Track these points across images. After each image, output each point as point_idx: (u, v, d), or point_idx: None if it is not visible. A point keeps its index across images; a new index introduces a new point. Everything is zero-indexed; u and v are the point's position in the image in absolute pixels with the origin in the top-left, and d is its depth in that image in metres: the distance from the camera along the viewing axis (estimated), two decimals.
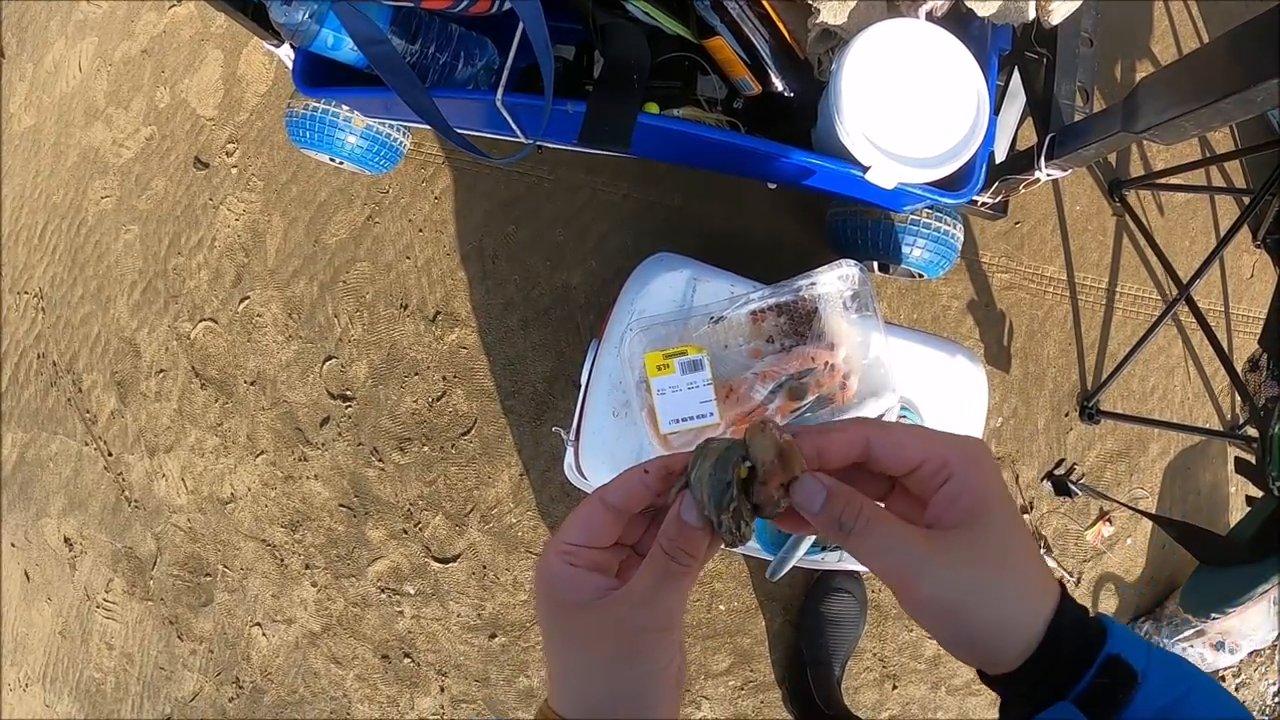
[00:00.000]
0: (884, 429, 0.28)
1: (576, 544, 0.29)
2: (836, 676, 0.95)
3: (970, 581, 0.25)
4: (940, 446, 0.27)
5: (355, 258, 1.08)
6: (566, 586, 0.28)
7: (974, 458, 0.26)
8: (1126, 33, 1.11)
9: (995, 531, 0.26)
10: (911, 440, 0.27)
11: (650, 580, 0.28)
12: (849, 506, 0.26)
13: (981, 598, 0.25)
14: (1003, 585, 0.25)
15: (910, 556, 0.25)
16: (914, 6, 0.69)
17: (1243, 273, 1.10)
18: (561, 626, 0.29)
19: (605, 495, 0.29)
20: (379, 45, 0.66)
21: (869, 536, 0.26)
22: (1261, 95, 0.50)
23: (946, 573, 0.25)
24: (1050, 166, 0.72)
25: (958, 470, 0.26)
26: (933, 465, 0.26)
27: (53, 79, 1.24)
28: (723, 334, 0.66)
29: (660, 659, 0.28)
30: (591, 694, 0.28)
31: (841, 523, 0.26)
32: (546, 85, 0.64)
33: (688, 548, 0.27)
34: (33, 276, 1.21)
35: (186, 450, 1.11)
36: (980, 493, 0.26)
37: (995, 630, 0.25)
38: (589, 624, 0.28)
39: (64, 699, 1.14)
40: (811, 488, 0.27)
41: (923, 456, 0.27)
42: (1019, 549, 0.26)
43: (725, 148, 0.74)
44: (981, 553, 0.25)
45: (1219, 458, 1.07)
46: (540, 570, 0.29)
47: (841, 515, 0.26)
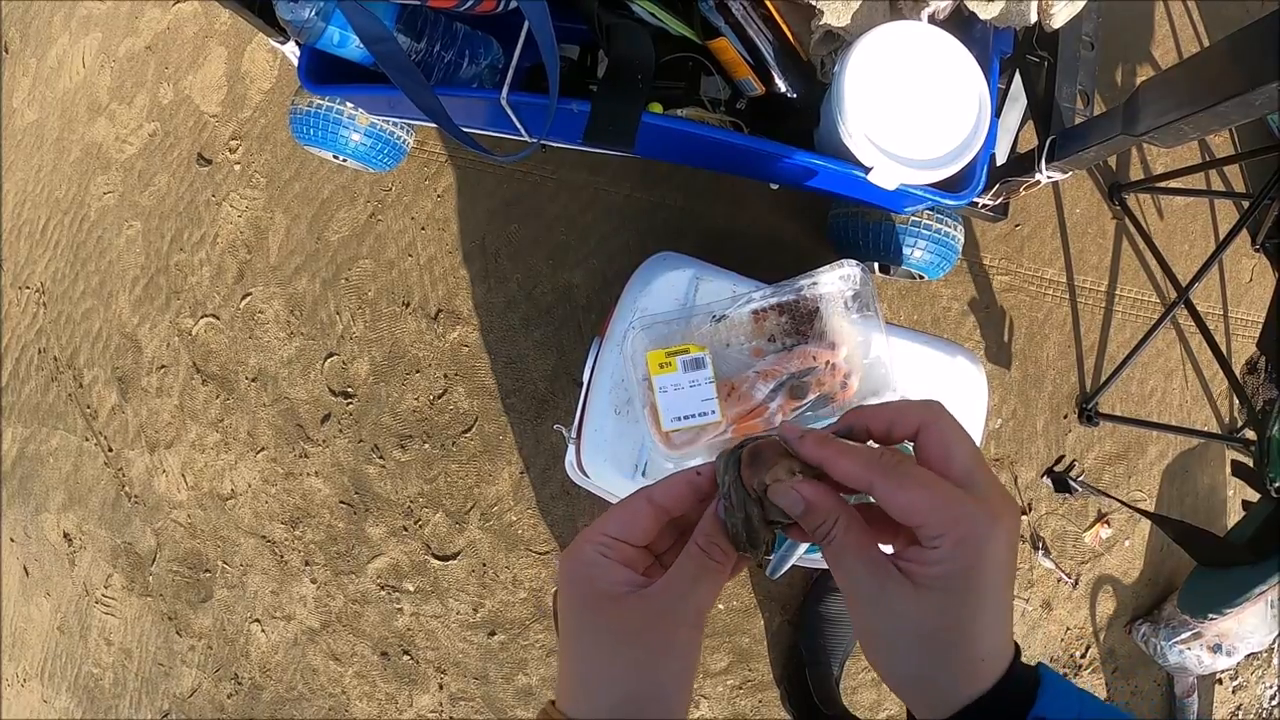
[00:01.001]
0: (897, 481, 0.26)
1: (615, 537, 0.29)
2: (835, 676, 0.95)
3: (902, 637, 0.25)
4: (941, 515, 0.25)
5: (357, 255, 1.09)
6: (602, 578, 0.28)
7: (973, 540, 0.25)
8: (1127, 36, 1.11)
9: (956, 607, 0.25)
10: (918, 504, 0.25)
11: (689, 574, 0.28)
12: (824, 522, 0.27)
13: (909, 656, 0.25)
14: (939, 657, 0.25)
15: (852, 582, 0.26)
16: (916, 9, 0.69)
17: (1241, 277, 1.10)
18: (592, 619, 0.28)
19: (652, 494, 0.29)
20: (385, 43, 0.66)
21: (829, 550, 0.27)
22: (1261, 99, 0.50)
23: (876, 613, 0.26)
24: (1051, 169, 0.72)
25: (946, 545, 0.25)
26: (929, 531, 0.25)
27: (56, 75, 1.24)
28: (725, 333, 0.67)
29: (691, 657, 0.28)
30: (614, 692, 0.27)
31: (817, 532, 0.28)
32: (551, 84, 0.64)
33: (722, 544, 0.28)
34: (34, 271, 1.21)
35: (187, 446, 1.11)
36: (960, 570, 0.25)
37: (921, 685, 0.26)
38: (624, 617, 0.27)
39: (62, 694, 1.14)
40: (790, 498, 0.28)
41: (922, 522, 0.25)
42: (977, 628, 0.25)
43: (728, 148, 0.74)
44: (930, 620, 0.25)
45: (1217, 461, 1.08)
46: (572, 560, 0.29)
47: (817, 528, 0.27)
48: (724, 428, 0.65)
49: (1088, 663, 1.05)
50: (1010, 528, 0.26)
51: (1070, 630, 1.05)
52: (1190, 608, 0.90)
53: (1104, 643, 1.05)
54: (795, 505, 0.27)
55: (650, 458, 0.69)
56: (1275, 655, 1.08)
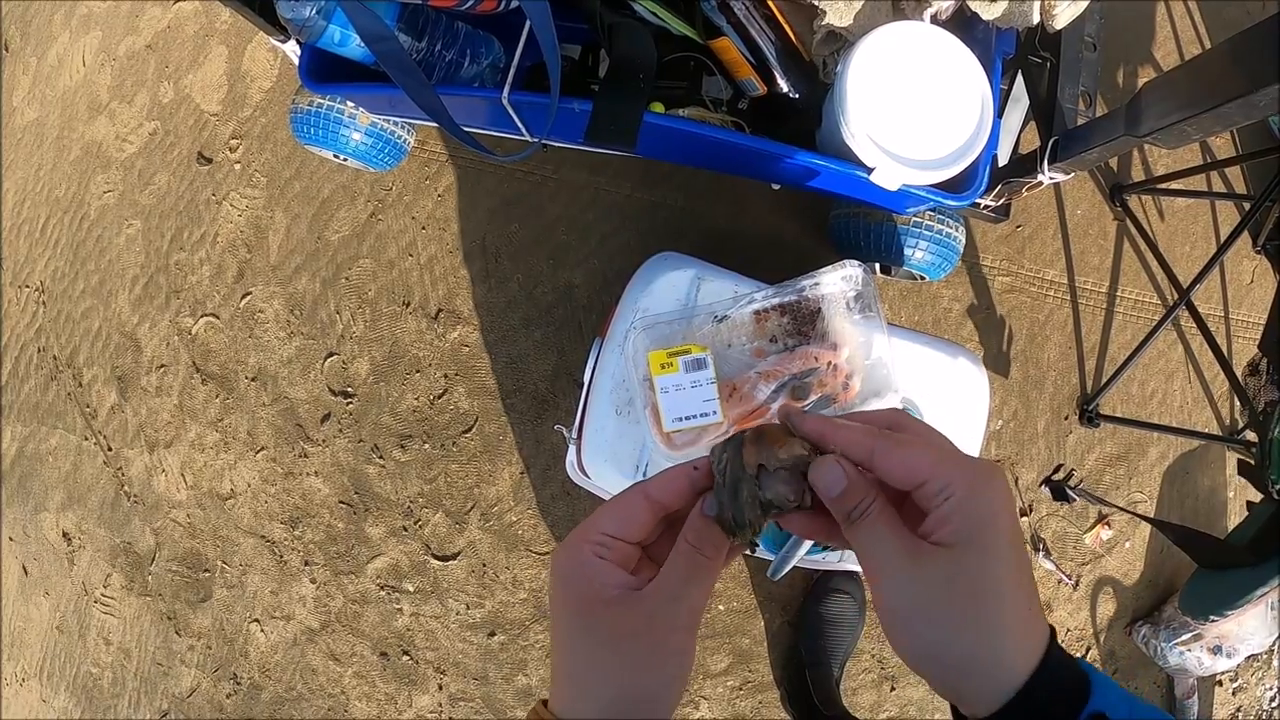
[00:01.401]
0: (894, 444, 0.27)
1: (612, 535, 0.28)
2: (835, 677, 0.95)
3: (937, 605, 0.24)
4: (948, 468, 0.25)
5: (358, 254, 1.08)
6: (598, 579, 0.27)
7: (980, 483, 0.25)
8: (1130, 38, 1.11)
9: (980, 561, 0.24)
10: (921, 459, 0.26)
11: (680, 574, 0.27)
12: (863, 500, 0.26)
13: (947, 626, 0.24)
14: (974, 619, 0.24)
15: (890, 559, 0.25)
16: (919, 9, 0.69)
17: (1243, 278, 1.10)
18: (586, 621, 0.27)
19: (649, 490, 0.29)
20: (386, 42, 0.66)
21: (859, 530, 0.26)
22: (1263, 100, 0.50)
23: (911, 586, 0.25)
24: (1053, 170, 0.72)
25: (958, 492, 0.25)
26: (934, 485, 0.25)
27: (56, 73, 1.24)
28: (726, 333, 0.67)
29: (685, 660, 0.28)
30: (606, 694, 0.27)
31: (849, 512, 0.27)
32: (553, 83, 0.64)
33: (712, 539, 0.28)
34: (34, 270, 1.21)
35: (186, 446, 1.10)
36: (975, 519, 0.25)
37: (963, 665, 0.24)
38: (619, 620, 0.27)
39: (61, 694, 1.14)
40: (834, 474, 0.27)
41: (928, 475, 0.26)
42: (1004, 585, 0.24)
43: (730, 148, 0.74)
44: (959, 580, 0.24)
45: (1217, 462, 1.08)
46: (566, 561, 0.28)
47: (854, 505, 0.26)
48: (725, 428, 0.65)
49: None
50: (1005, 482, 0.26)
51: (1071, 632, 1.05)
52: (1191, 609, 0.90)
53: (1104, 644, 1.05)
54: (837, 482, 0.27)
55: (651, 458, 0.69)
56: (1275, 657, 1.08)
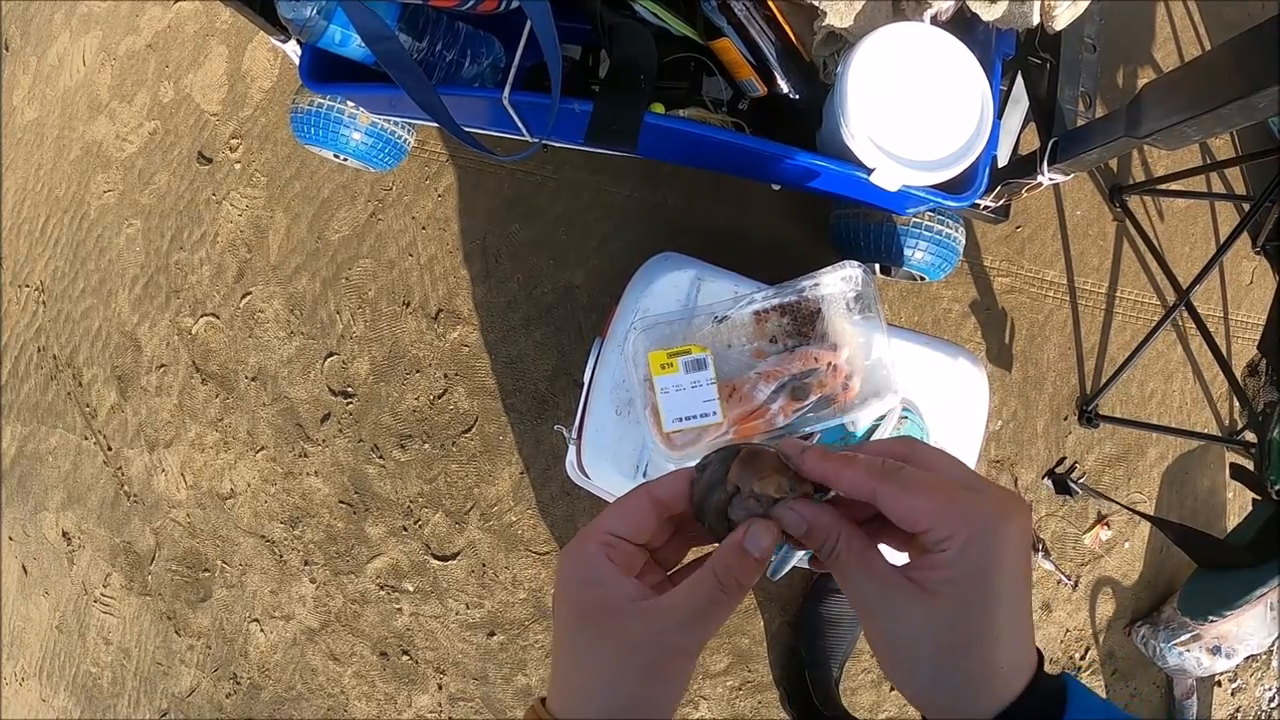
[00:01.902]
0: (898, 488, 0.26)
1: (618, 535, 0.28)
2: (834, 677, 0.95)
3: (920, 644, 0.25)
4: (950, 517, 0.24)
5: (358, 254, 1.08)
6: (604, 583, 0.27)
7: (987, 529, 0.24)
8: (1130, 39, 1.11)
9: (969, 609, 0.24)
10: (923, 507, 0.25)
11: (699, 603, 0.27)
12: (826, 540, 0.27)
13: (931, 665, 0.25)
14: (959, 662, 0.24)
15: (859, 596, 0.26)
16: (919, 10, 0.69)
17: (1242, 279, 1.11)
18: (591, 626, 0.27)
19: (654, 490, 0.29)
20: (386, 42, 0.66)
21: (833, 567, 0.27)
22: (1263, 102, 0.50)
23: (892, 623, 0.25)
24: (1053, 171, 0.72)
25: (956, 545, 0.24)
26: (937, 535, 0.25)
27: (56, 73, 1.24)
28: (726, 334, 0.67)
29: (682, 681, 0.28)
30: (607, 699, 0.27)
31: (820, 550, 0.27)
32: (554, 84, 0.64)
33: (742, 577, 0.27)
34: (34, 270, 1.21)
35: (186, 445, 1.10)
36: (974, 568, 0.24)
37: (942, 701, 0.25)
38: (625, 632, 0.27)
39: (60, 693, 1.14)
40: (792, 519, 0.27)
41: (928, 526, 0.25)
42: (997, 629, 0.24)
43: (730, 148, 0.74)
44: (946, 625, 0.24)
45: (1217, 463, 1.08)
46: (576, 561, 0.28)
47: (820, 546, 0.27)
48: (725, 429, 0.65)
49: (1087, 665, 1.05)
50: (1022, 525, 0.25)
51: (1070, 632, 1.05)
52: (1190, 610, 0.90)
53: (1103, 645, 1.05)
54: (798, 525, 0.27)
55: (651, 459, 0.69)
56: (1274, 657, 1.08)
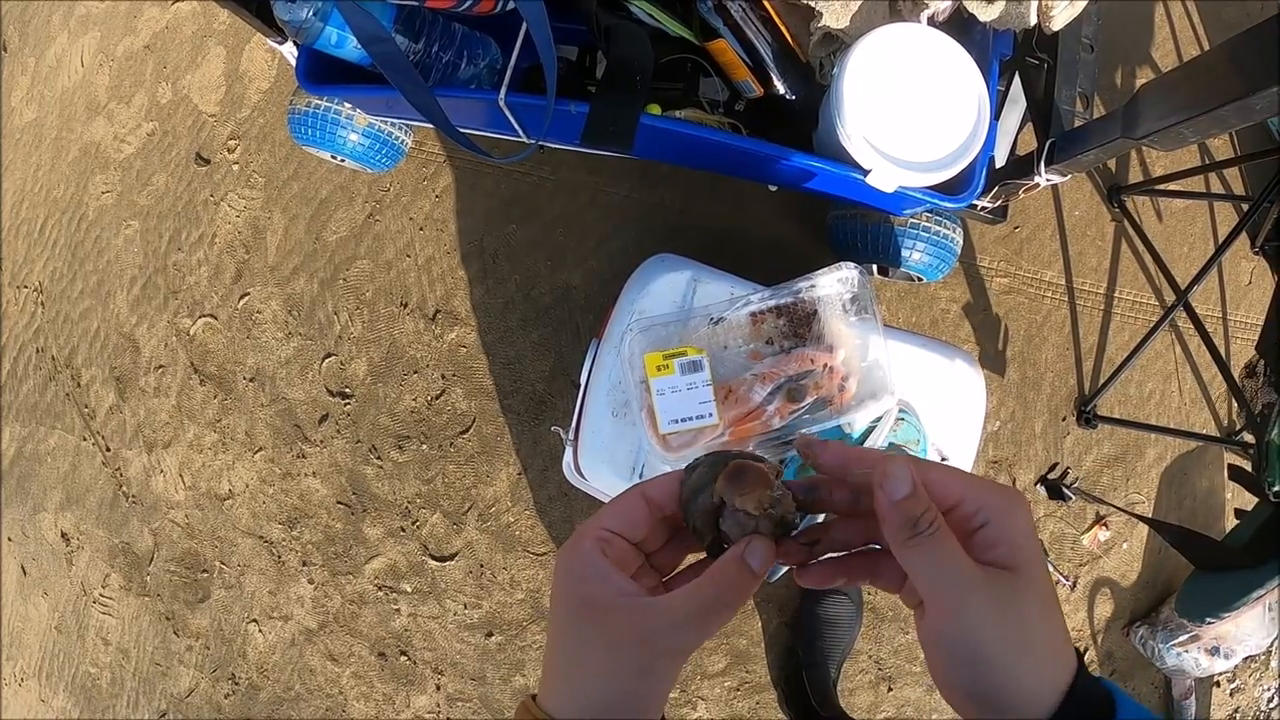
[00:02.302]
0: (923, 464, 0.27)
1: (614, 531, 0.28)
2: (832, 678, 0.95)
3: (1002, 629, 0.24)
4: (979, 489, 0.26)
5: (356, 255, 1.08)
6: (602, 579, 0.27)
7: (1012, 506, 0.26)
8: (1127, 39, 1.11)
9: (1030, 586, 0.25)
10: (951, 478, 0.26)
11: (693, 609, 0.27)
12: (930, 508, 0.25)
13: (1009, 649, 0.24)
14: (1031, 642, 0.25)
15: (960, 582, 0.24)
16: (916, 11, 0.69)
17: (1240, 279, 1.10)
18: (585, 622, 0.27)
19: (646, 490, 0.29)
20: (383, 43, 0.66)
21: (933, 547, 0.25)
22: (1261, 103, 0.50)
23: (986, 612, 0.24)
24: (1050, 172, 0.72)
25: (995, 517, 0.25)
26: (970, 506, 0.25)
27: (55, 73, 1.24)
28: (722, 335, 0.67)
29: (670, 681, 0.28)
30: (596, 694, 0.27)
31: (917, 522, 0.25)
32: (549, 85, 0.64)
33: (741, 589, 0.27)
34: (33, 271, 1.21)
35: (185, 446, 1.11)
36: (1016, 543, 0.25)
37: (1013, 687, 0.24)
38: (618, 628, 0.27)
39: (60, 694, 1.14)
40: (901, 476, 0.25)
41: (961, 496, 0.26)
42: (1049, 609, 0.25)
43: (727, 150, 0.74)
44: (1017, 604, 0.25)
45: (1215, 463, 1.08)
46: (573, 557, 0.28)
47: (921, 513, 0.25)
48: (721, 430, 0.65)
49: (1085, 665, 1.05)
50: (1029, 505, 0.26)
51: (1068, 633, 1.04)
52: (1188, 612, 0.90)
53: (1102, 645, 1.05)
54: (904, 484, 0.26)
55: (648, 460, 0.69)
56: (1273, 658, 1.08)
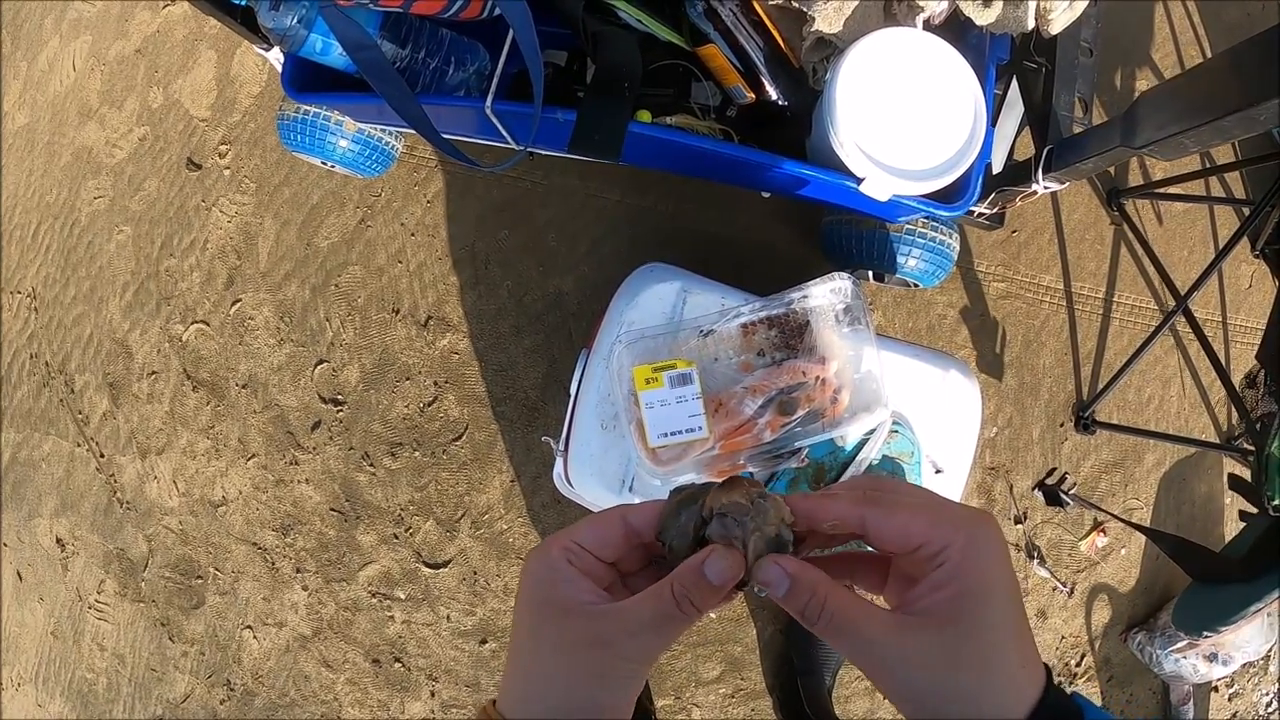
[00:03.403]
0: (885, 510, 0.26)
1: (583, 547, 0.28)
2: (827, 685, 0.94)
3: (945, 682, 0.24)
4: (943, 529, 0.25)
5: (347, 261, 1.08)
6: (563, 583, 0.27)
7: (978, 539, 0.25)
8: (1127, 43, 1.09)
9: (980, 629, 0.24)
10: (916, 520, 0.26)
11: (649, 615, 0.27)
12: (812, 599, 0.26)
13: (957, 700, 0.24)
14: (982, 688, 0.24)
15: (877, 649, 0.25)
16: (911, 14, 0.68)
17: (1241, 283, 1.09)
18: (545, 624, 0.27)
19: (629, 516, 0.29)
20: (368, 51, 0.65)
21: (831, 628, 0.26)
22: (1264, 114, 0.49)
23: (918, 671, 0.24)
24: (1048, 179, 0.71)
25: (954, 557, 0.25)
26: (931, 548, 0.25)
27: (46, 78, 1.23)
28: (713, 347, 0.66)
29: (629, 691, 0.27)
30: (551, 699, 0.27)
31: (804, 614, 0.26)
32: (536, 91, 0.63)
33: (697, 599, 0.27)
34: (25, 276, 1.20)
35: (178, 453, 1.10)
36: (972, 583, 0.25)
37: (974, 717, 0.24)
38: (575, 630, 0.27)
39: (56, 699, 1.14)
40: (773, 574, 0.26)
41: (925, 538, 0.25)
42: (1004, 643, 0.25)
43: (718, 157, 0.73)
44: (962, 653, 0.24)
45: (1214, 469, 1.07)
46: (537, 561, 0.28)
47: (805, 608, 0.26)
48: (711, 444, 0.64)
49: (1083, 671, 1.04)
50: (1000, 533, 0.26)
51: (1065, 639, 1.04)
52: (1185, 624, 0.89)
53: (1099, 651, 1.04)
54: (779, 581, 0.26)
55: (637, 474, 0.68)
56: (1271, 663, 1.07)
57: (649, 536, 0.29)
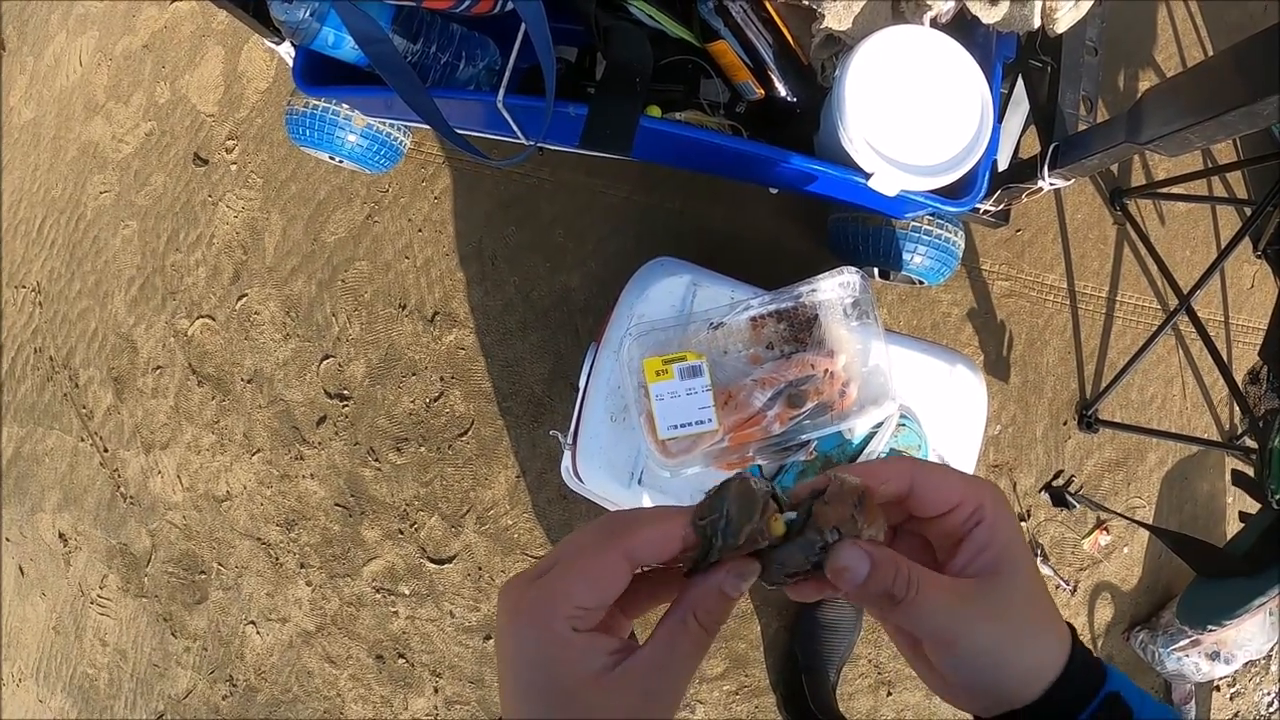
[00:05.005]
0: (926, 467, 0.27)
1: (587, 607, 0.24)
2: (831, 682, 0.94)
3: (1006, 633, 0.25)
4: (974, 490, 0.26)
5: (354, 257, 1.08)
6: (578, 659, 0.24)
7: (1001, 503, 0.26)
8: (1131, 42, 1.10)
9: (1023, 579, 0.26)
10: (949, 481, 0.27)
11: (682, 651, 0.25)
12: (898, 573, 0.24)
13: (1016, 648, 0.25)
14: (1033, 634, 0.25)
15: (954, 617, 0.25)
16: (918, 12, 0.69)
17: (1243, 283, 1.10)
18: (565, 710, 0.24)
19: (633, 552, 0.25)
20: (380, 44, 0.65)
21: (917, 604, 0.24)
22: (1268, 109, 0.50)
23: (986, 626, 0.25)
24: (1053, 176, 0.72)
25: (988, 516, 0.26)
26: (967, 508, 0.26)
27: (53, 73, 1.23)
28: (722, 340, 0.66)
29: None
30: None
31: (893, 589, 0.24)
32: (548, 87, 0.63)
33: (722, 617, 0.26)
34: (30, 271, 1.20)
35: (182, 447, 1.10)
36: (1006, 540, 0.26)
37: (1026, 678, 0.25)
38: (604, 704, 0.24)
39: (57, 694, 1.14)
40: (853, 556, 0.25)
41: (960, 498, 0.26)
42: (1042, 595, 0.26)
43: (727, 152, 0.73)
44: (1013, 603, 0.25)
45: (1216, 468, 1.07)
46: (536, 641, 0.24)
47: (892, 583, 0.24)
48: (721, 436, 0.65)
49: None
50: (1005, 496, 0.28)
51: None
52: (1189, 619, 0.89)
53: (1101, 649, 1.05)
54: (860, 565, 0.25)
55: (646, 466, 0.69)
56: (1273, 663, 1.07)
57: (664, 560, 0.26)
